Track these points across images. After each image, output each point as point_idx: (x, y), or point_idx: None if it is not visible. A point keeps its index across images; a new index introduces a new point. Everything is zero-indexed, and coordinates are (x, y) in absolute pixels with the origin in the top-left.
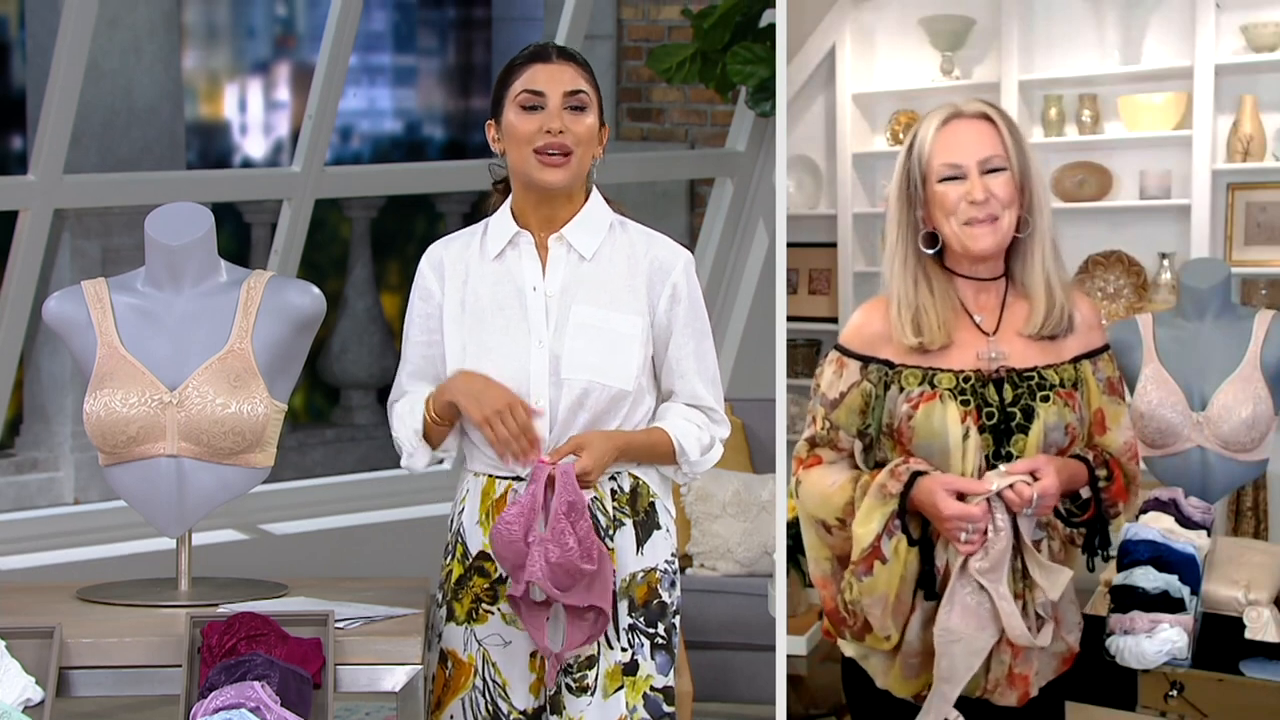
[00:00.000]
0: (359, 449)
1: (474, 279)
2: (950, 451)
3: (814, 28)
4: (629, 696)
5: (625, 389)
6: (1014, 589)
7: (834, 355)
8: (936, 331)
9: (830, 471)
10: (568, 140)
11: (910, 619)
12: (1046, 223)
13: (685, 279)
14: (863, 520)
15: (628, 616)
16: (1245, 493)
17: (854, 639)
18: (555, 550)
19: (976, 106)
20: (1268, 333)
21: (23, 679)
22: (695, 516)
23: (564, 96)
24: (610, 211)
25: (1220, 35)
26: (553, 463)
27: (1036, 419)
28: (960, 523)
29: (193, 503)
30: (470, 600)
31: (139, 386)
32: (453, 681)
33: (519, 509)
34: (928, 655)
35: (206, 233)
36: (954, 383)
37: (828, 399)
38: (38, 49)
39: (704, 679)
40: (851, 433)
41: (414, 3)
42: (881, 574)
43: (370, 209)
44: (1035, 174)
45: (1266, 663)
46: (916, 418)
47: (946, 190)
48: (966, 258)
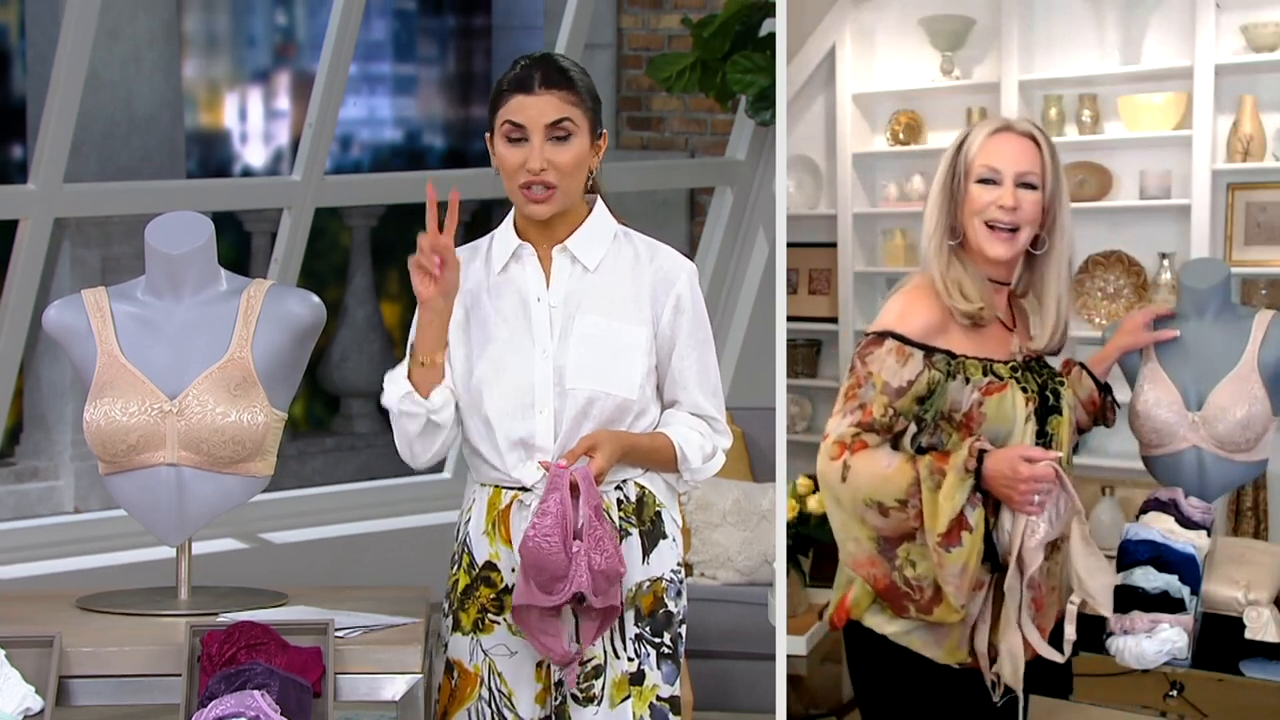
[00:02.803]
0: (359, 458)
1: (479, 291)
2: (1013, 434)
3: (814, 28)
4: (636, 706)
5: (630, 398)
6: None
7: (892, 344)
8: (981, 299)
9: (881, 455)
10: (550, 176)
11: (974, 591)
12: (1066, 245)
13: (689, 290)
14: (947, 495)
15: (634, 626)
16: (1245, 493)
17: (919, 613)
18: (598, 557)
19: (1026, 126)
20: (1266, 333)
21: (22, 688)
22: (695, 525)
23: (546, 129)
24: (614, 222)
25: (1220, 35)
26: (569, 466)
27: (1064, 401)
28: (1035, 484)
29: (193, 511)
30: (476, 610)
31: (139, 395)
32: (458, 692)
33: (552, 519)
34: (988, 624)
35: (206, 241)
36: (1009, 372)
37: (891, 387)
38: (38, 58)
39: (704, 687)
40: (909, 418)
41: (414, 11)
42: (968, 543)
43: (370, 217)
44: (1063, 199)
45: (1266, 663)
46: (989, 404)
47: (981, 192)
48: (983, 259)
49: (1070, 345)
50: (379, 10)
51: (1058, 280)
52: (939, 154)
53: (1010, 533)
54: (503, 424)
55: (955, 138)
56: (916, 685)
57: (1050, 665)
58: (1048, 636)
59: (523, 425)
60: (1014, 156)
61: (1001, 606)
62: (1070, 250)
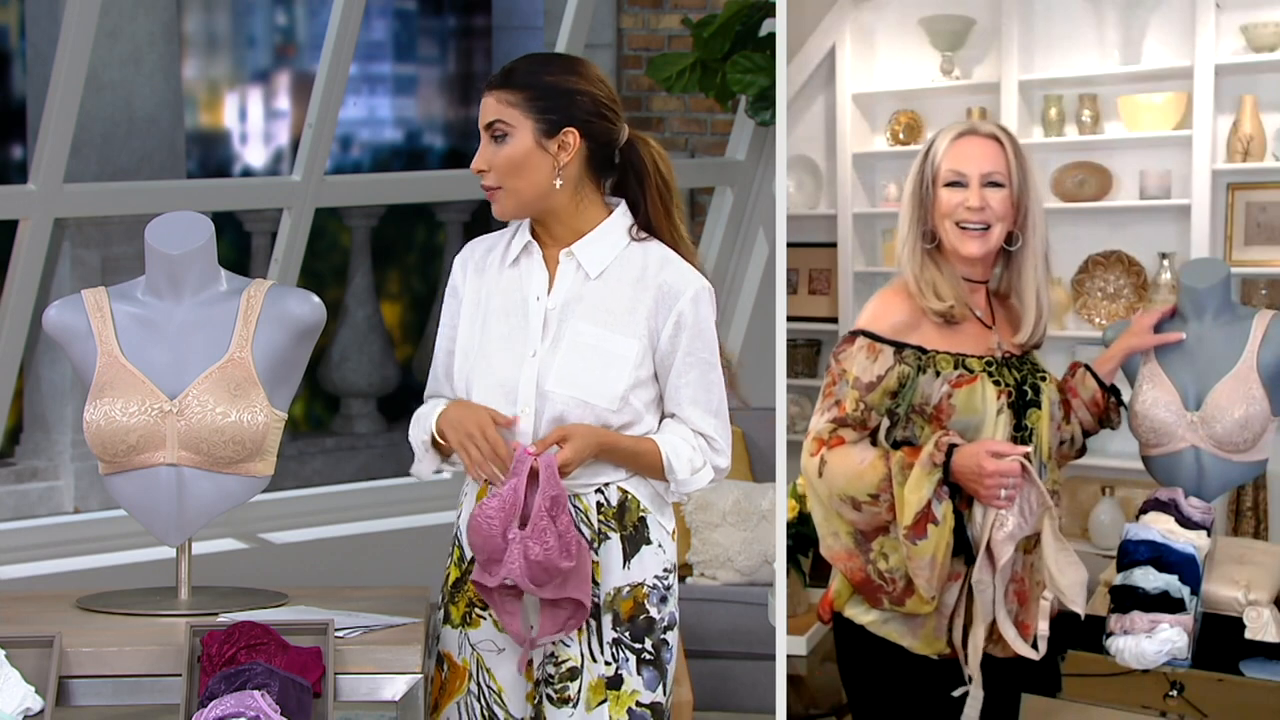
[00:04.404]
0: (359, 458)
1: (490, 282)
2: (984, 427)
3: (814, 28)
4: (612, 710)
5: (608, 408)
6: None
7: (863, 341)
8: (954, 299)
9: (856, 450)
10: (489, 179)
11: (947, 583)
12: (1040, 239)
13: (692, 308)
14: (914, 488)
15: (612, 630)
16: (1245, 493)
17: (892, 605)
18: (536, 548)
19: (989, 128)
20: (1266, 333)
21: (22, 688)
22: (695, 525)
23: (485, 130)
24: (628, 232)
25: (1220, 35)
26: (536, 454)
27: (1044, 395)
28: (1000, 478)
29: (193, 512)
30: (465, 604)
31: (139, 395)
32: (448, 685)
33: (499, 502)
34: (960, 615)
35: (207, 242)
36: (982, 366)
37: (862, 382)
38: (38, 58)
39: (704, 688)
40: (881, 412)
41: (414, 11)
42: (934, 535)
43: (370, 218)
44: (1033, 194)
45: (1266, 663)
46: (958, 396)
47: (949, 195)
48: (958, 258)
49: (1071, 346)
50: (379, 10)
51: (1035, 273)
52: None
53: (981, 525)
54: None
55: (923, 144)
56: (895, 675)
57: (1038, 662)
58: (1033, 632)
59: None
60: (978, 158)
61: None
62: (1045, 244)
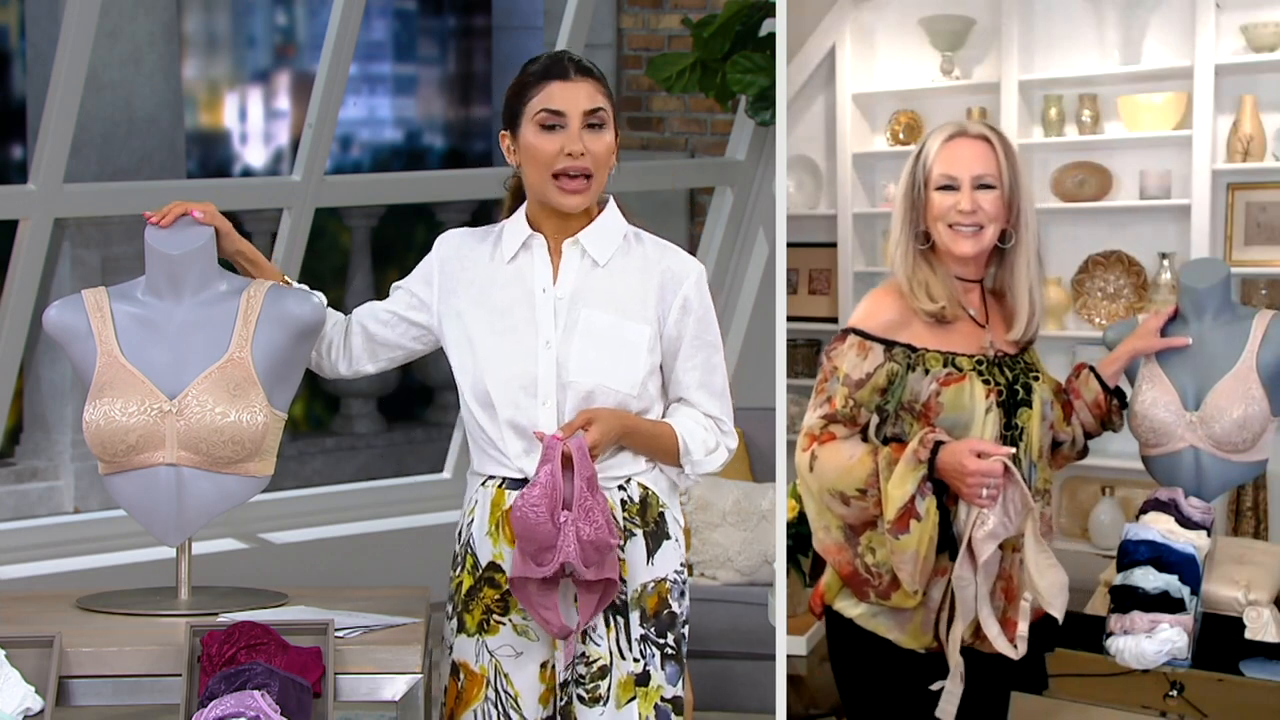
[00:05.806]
0: (359, 458)
1: (485, 281)
2: (972, 425)
3: (814, 28)
4: (641, 707)
5: (630, 394)
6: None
7: (854, 339)
8: (945, 299)
9: (846, 446)
10: (588, 163)
11: (934, 578)
12: (1032, 236)
13: (696, 291)
14: (898, 483)
15: (639, 627)
16: (1245, 493)
17: (878, 598)
18: (587, 528)
19: (979, 129)
20: (1266, 333)
21: (22, 688)
22: (695, 525)
23: (583, 116)
24: (625, 223)
25: (1220, 35)
26: (564, 438)
27: (1035, 395)
28: (982, 478)
29: (192, 512)
30: (481, 612)
31: (139, 395)
32: (465, 693)
33: (541, 489)
34: (946, 610)
35: (206, 242)
36: (972, 365)
37: (852, 379)
38: (38, 58)
39: (704, 687)
40: (870, 409)
41: (414, 11)
42: (916, 531)
43: (370, 218)
44: (1024, 193)
45: (1266, 663)
46: (946, 394)
47: (941, 198)
48: (951, 258)
49: (1071, 346)
50: (379, 10)
51: (1028, 270)
52: None
53: (964, 523)
54: (505, 412)
55: (915, 147)
56: (883, 668)
57: (1023, 660)
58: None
59: (526, 415)
60: (969, 161)
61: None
62: (1037, 241)
